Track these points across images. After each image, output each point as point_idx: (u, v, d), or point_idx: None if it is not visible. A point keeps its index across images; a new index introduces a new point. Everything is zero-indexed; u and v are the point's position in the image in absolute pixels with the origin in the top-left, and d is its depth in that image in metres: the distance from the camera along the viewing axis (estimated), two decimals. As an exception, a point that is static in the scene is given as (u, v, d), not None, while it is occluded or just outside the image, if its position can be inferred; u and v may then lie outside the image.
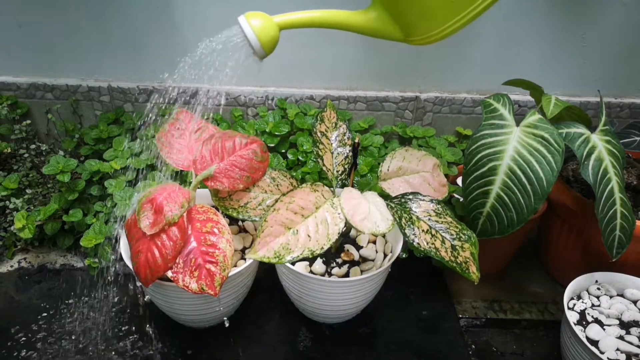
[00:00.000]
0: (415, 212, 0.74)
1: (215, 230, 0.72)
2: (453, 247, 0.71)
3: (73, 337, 0.86)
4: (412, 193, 0.77)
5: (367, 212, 0.72)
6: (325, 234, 0.69)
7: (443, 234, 0.72)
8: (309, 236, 0.68)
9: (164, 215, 0.69)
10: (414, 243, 0.70)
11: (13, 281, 0.96)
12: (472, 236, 0.72)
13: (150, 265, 0.69)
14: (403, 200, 0.76)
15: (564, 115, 0.90)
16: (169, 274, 0.69)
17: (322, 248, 0.68)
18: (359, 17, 0.69)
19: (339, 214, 0.72)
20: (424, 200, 0.75)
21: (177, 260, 0.69)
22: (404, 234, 0.71)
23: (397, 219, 0.73)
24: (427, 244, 0.71)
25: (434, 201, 0.75)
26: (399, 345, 0.87)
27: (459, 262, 0.70)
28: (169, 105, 0.83)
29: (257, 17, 0.65)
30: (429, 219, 0.73)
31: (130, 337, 0.86)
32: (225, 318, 0.85)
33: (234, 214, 0.76)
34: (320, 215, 0.71)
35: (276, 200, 0.71)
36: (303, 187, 0.74)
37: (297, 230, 0.69)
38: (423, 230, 0.72)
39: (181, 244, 0.70)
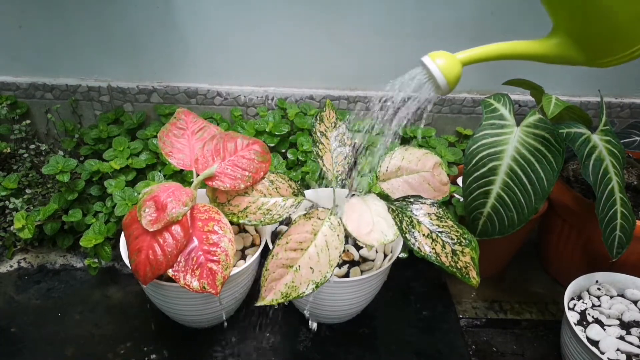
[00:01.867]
0: (416, 215, 0.74)
1: (217, 228, 0.72)
2: (454, 252, 0.70)
3: (72, 337, 0.86)
4: (413, 196, 0.76)
5: (372, 224, 0.71)
6: (327, 261, 0.69)
7: (444, 239, 0.72)
8: (311, 269, 0.68)
9: (167, 213, 0.69)
10: (415, 247, 0.70)
11: (13, 281, 0.96)
12: (473, 240, 0.72)
13: (151, 263, 0.69)
14: (404, 203, 0.76)
15: (565, 115, 0.90)
16: (170, 272, 0.69)
17: (326, 277, 0.67)
18: (540, 46, 0.68)
19: (337, 235, 0.71)
20: (425, 203, 0.75)
21: (178, 259, 0.69)
22: (405, 239, 0.71)
23: (398, 223, 0.72)
24: (428, 248, 0.70)
25: (435, 204, 0.75)
26: (399, 346, 0.87)
27: (459, 267, 0.69)
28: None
29: (441, 56, 0.67)
30: (430, 223, 0.73)
31: (130, 337, 0.86)
32: (224, 318, 0.85)
33: (234, 219, 0.76)
34: (319, 242, 0.70)
35: (273, 247, 0.71)
36: (296, 221, 0.72)
37: (298, 267, 0.68)
38: (424, 235, 0.71)
39: (184, 242, 0.70)
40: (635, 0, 0.59)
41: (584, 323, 0.81)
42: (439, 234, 0.72)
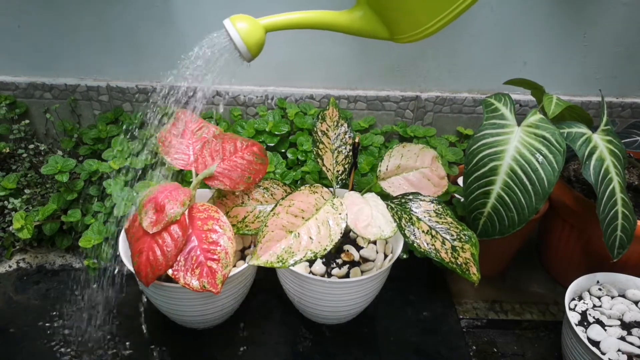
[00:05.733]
0: (416, 212, 0.74)
1: (217, 227, 0.72)
2: (453, 248, 0.70)
3: (72, 338, 0.85)
4: (412, 193, 0.76)
5: (370, 218, 0.71)
6: (327, 235, 0.69)
7: (443, 235, 0.71)
8: (310, 238, 0.68)
9: (166, 214, 0.69)
10: (414, 244, 0.70)
11: (11, 282, 0.96)
12: (473, 237, 0.72)
13: (151, 264, 0.69)
14: (403, 200, 0.76)
15: (566, 114, 0.90)
16: (170, 272, 0.69)
17: (325, 249, 0.67)
18: (345, 17, 0.69)
19: (339, 214, 0.71)
20: (424, 200, 0.75)
21: (178, 259, 0.69)
22: (404, 235, 0.71)
23: (397, 220, 0.72)
24: (427, 244, 0.70)
25: (434, 201, 0.75)
26: (400, 346, 0.86)
27: (459, 263, 0.69)
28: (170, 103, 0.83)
29: (243, 20, 0.65)
30: (429, 220, 0.73)
31: (130, 337, 0.86)
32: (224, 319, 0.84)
33: (235, 231, 0.76)
34: (321, 216, 0.71)
35: (275, 205, 0.71)
36: (302, 189, 0.73)
37: (298, 233, 0.68)
38: (423, 231, 0.71)
39: (183, 241, 0.70)
40: None
41: (585, 323, 0.80)
42: (438, 231, 0.72)
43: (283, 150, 1.09)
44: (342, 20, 0.69)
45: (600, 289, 0.85)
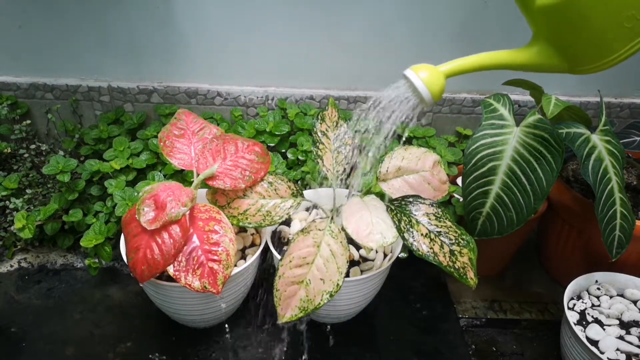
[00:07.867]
0: (415, 215, 0.74)
1: (218, 228, 0.72)
2: (452, 252, 0.71)
3: (72, 337, 0.86)
4: (412, 196, 0.77)
5: (371, 225, 0.71)
6: (335, 269, 0.69)
7: (442, 239, 0.72)
8: (321, 280, 0.68)
9: (167, 213, 0.69)
10: (413, 247, 0.70)
11: (13, 281, 0.96)
12: (471, 241, 0.72)
13: (148, 262, 0.69)
14: (403, 202, 0.76)
15: (564, 115, 0.90)
16: (171, 272, 0.69)
17: (338, 285, 0.68)
18: (522, 55, 0.68)
19: (341, 242, 0.72)
20: (424, 203, 0.75)
21: (179, 259, 0.70)
22: (403, 238, 0.71)
23: (397, 222, 0.72)
24: (426, 247, 0.70)
25: (434, 205, 0.75)
26: (399, 345, 0.87)
27: (456, 267, 0.70)
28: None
29: (424, 69, 0.66)
30: (429, 223, 0.73)
31: (130, 337, 0.86)
32: (224, 318, 0.85)
33: (235, 222, 0.76)
34: (324, 253, 0.71)
35: (277, 268, 0.71)
36: (295, 239, 0.72)
37: (309, 281, 0.69)
38: (422, 234, 0.71)
39: (182, 242, 0.70)
40: (612, 10, 0.59)
41: (584, 323, 0.81)
42: (438, 234, 0.72)
43: (283, 150, 1.09)
44: (519, 59, 0.68)
45: (599, 289, 0.86)
